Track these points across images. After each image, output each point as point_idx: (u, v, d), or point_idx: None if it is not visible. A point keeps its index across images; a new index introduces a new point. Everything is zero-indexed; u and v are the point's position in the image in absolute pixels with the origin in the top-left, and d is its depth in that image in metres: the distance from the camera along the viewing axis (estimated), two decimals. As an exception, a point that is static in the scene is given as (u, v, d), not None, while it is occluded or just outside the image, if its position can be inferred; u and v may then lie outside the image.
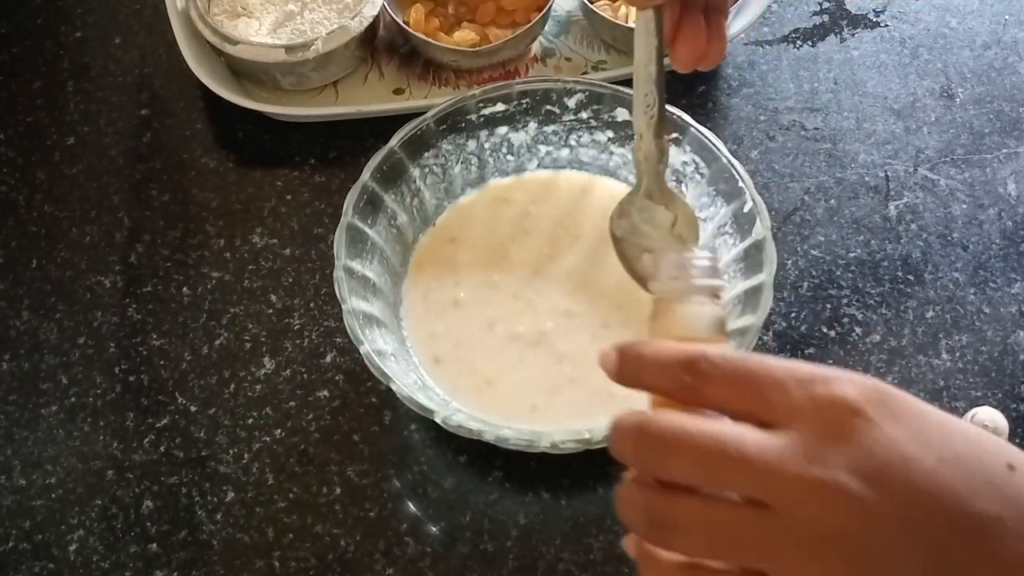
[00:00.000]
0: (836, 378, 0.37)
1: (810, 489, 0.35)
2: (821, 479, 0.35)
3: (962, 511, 0.35)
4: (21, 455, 0.61)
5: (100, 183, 0.71)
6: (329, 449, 0.61)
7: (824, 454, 0.35)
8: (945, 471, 0.36)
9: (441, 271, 0.63)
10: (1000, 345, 0.63)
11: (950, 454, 0.36)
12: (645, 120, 0.51)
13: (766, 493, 0.36)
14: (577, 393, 0.59)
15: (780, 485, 0.35)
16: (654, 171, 0.52)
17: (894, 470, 0.35)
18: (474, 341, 0.61)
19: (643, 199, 0.53)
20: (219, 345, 0.64)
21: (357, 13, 0.71)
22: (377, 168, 0.60)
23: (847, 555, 0.35)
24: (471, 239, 0.64)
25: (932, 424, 0.37)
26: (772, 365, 0.38)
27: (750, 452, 0.36)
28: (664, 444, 0.37)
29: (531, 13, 0.73)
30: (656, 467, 0.38)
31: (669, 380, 0.39)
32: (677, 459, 0.37)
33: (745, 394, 0.37)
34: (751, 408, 0.37)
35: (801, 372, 0.37)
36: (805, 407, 0.36)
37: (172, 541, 0.58)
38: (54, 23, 0.79)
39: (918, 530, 0.35)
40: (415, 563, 0.57)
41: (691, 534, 0.37)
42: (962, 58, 0.76)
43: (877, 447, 0.36)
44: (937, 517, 0.35)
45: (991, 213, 0.69)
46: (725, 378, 0.38)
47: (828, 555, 0.35)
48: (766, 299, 0.55)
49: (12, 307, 0.66)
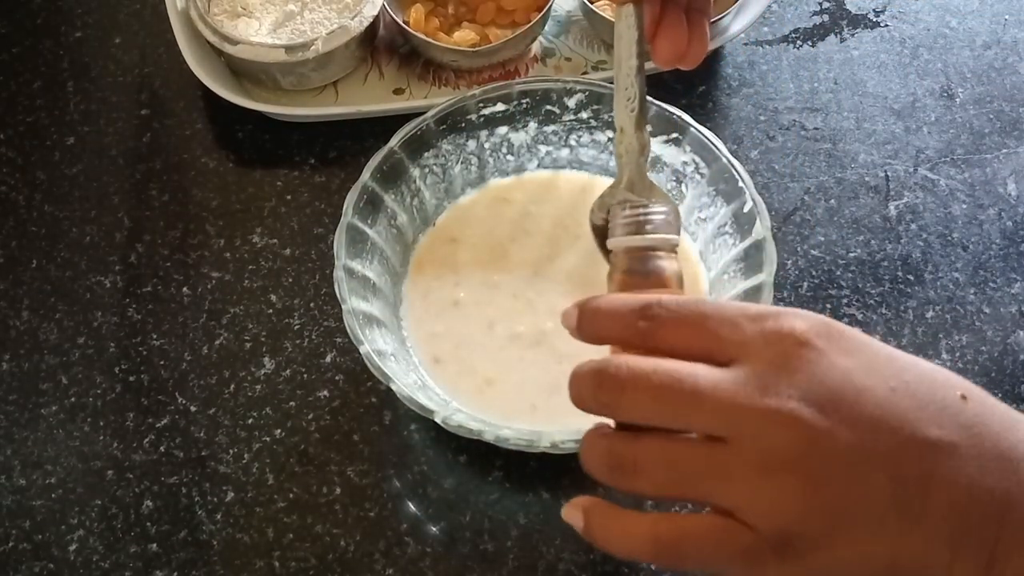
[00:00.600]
0: (786, 313, 0.38)
1: (764, 419, 0.36)
2: (775, 408, 0.36)
3: (916, 436, 0.36)
4: (21, 455, 0.61)
5: (100, 183, 0.71)
6: (329, 449, 0.61)
7: (776, 385, 0.36)
8: (897, 400, 0.36)
9: (441, 271, 0.63)
10: (1000, 345, 0.64)
11: (901, 384, 0.37)
12: (626, 114, 0.51)
13: (721, 426, 0.36)
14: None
15: (734, 417, 0.36)
16: (635, 164, 0.52)
17: (846, 398, 0.36)
18: (474, 341, 0.61)
19: (624, 192, 0.53)
20: (219, 345, 0.64)
21: (357, 13, 0.71)
22: (377, 168, 0.60)
23: (802, 478, 0.36)
24: (471, 239, 0.64)
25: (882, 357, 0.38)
26: (724, 306, 0.39)
27: (703, 386, 0.37)
28: (620, 384, 0.38)
29: (531, 13, 0.73)
30: (614, 407, 0.39)
31: (625, 328, 0.40)
32: (633, 397, 0.38)
33: (699, 334, 0.38)
34: (705, 347, 0.38)
35: (752, 310, 0.38)
36: (756, 341, 0.37)
37: (172, 541, 0.58)
38: (54, 23, 0.79)
39: (871, 454, 0.36)
40: (415, 563, 0.57)
41: (652, 472, 0.38)
42: (962, 58, 0.76)
43: (828, 377, 0.36)
44: (890, 442, 0.36)
45: (991, 213, 0.69)
46: (678, 321, 0.39)
47: (784, 481, 0.36)
48: (766, 299, 0.55)
49: (12, 307, 0.66)
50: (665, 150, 0.62)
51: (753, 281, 0.57)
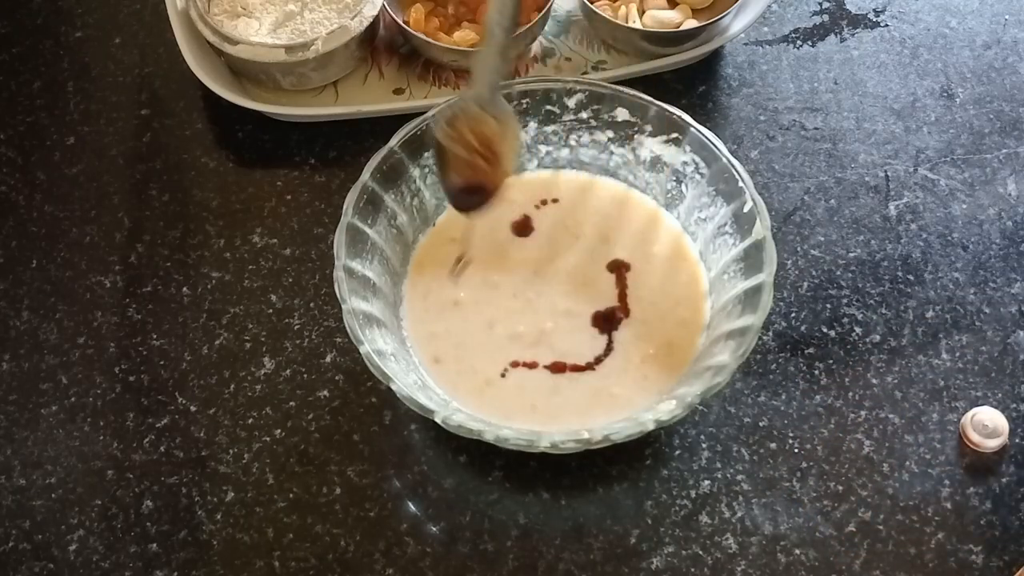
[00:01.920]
0: None
1: None
2: None
3: None
4: (21, 455, 0.61)
5: (100, 183, 0.71)
6: (329, 449, 0.61)
7: None
8: None
9: (441, 271, 0.63)
10: (1000, 345, 0.64)
11: None
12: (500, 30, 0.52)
13: None
14: (577, 393, 0.59)
15: None
16: (490, 80, 0.53)
17: None
18: (474, 341, 0.61)
19: (474, 106, 0.53)
20: (219, 345, 0.64)
21: (357, 13, 0.71)
22: (377, 168, 0.60)
23: None
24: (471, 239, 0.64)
25: None
26: None
27: None
28: None
29: (531, 13, 0.73)
30: None
31: None
32: None
33: None
34: None
35: None
36: None
37: (172, 541, 0.58)
38: (54, 23, 0.79)
39: None
40: (415, 563, 0.57)
41: None
42: (962, 58, 0.76)
43: None
44: None
45: (991, 213, 0.69)
46: None
47: None
48: (766, 299, 0.55)
49: (12, 307, 0.66)
50: (665, 150, 0.63)
51: (753, 281, 0.57)
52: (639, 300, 0.62)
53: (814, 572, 0.56)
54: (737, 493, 0.59)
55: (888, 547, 0.57)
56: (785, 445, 0.60)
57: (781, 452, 0.60)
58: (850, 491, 0.59)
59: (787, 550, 0.57)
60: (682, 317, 0.61)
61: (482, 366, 0.60)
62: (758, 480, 0.59)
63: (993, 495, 0.58)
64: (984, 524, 0.58)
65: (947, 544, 0.57)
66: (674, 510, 0.58)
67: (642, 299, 0.62)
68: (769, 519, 0.58)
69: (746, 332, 0.54)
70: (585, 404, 0.58)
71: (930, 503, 0.58)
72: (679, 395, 0.55)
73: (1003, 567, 0.56)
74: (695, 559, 0.57)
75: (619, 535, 0.58)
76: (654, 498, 0.59)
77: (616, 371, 0.59)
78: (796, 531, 0.57)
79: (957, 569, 0.56)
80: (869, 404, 0.61)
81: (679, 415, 0.53)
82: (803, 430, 0.60)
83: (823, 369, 0.63)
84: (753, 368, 0.62)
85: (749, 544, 0.57)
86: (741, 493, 0.59)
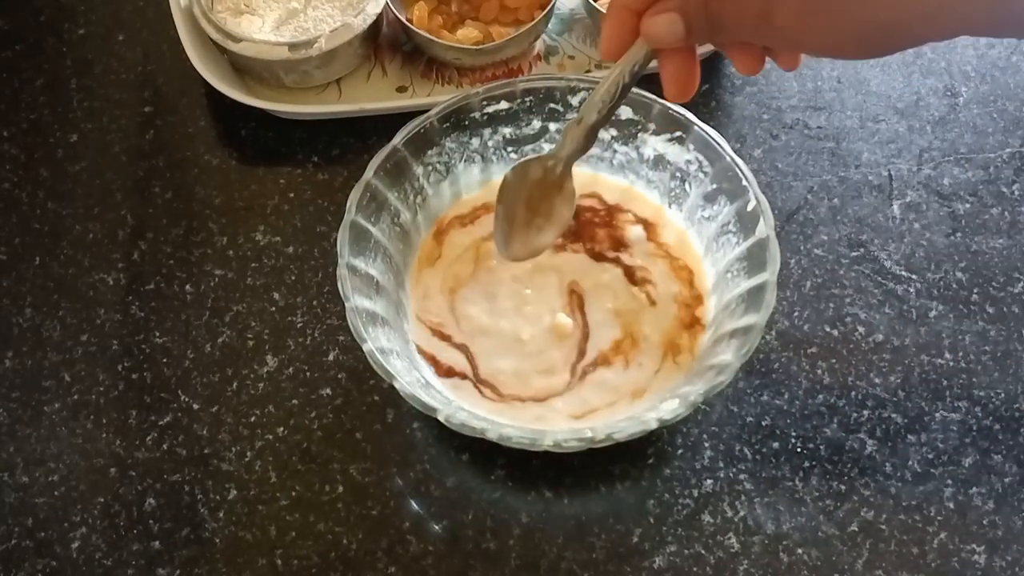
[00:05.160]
0: None
1: None
2: None
3: None
4: (24, 452, 0.61)
5: (103, 180, 0.71)
6: (332, 447, 0.61)
7: None
8: None
9: (442, 270, 0.63)
10: (1003, 345, 0.63)
11: None
12: (595, 115, 0.53)
13: None
14: (578, 392, 0.59)
15: None
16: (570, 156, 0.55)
17: None
18: (476, 340, 0.61)
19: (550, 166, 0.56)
20: (222, 343, 0.64)
21: (360, 11, 0.71)
22: (380, 166, 0.60)
23: None
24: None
25: None
26: None
27: None
28: None
29: (534, 11, 0.73)
30: None
31: None
32: None
33: None
34: None
35: None
36: None
37: (175, 539, 0.58)
38: (57, 20, 0.79)
39: None
40: (417, 561, 0.57)
41: None
42: (966, 57, 0.76)
43: None
44: None
45: (994, 212, 0.69)
46: None
47: None
48: (769, 298, 0.55)
49: (15, 304, 0.66)
50: (668, 148, 0.62)
51: (756, 280, 0.57)
52: (639, 299, 0.62)
53: (816, 572, 0.56)
54: (739, 492, 0.59)
55: (891, 547, 0.57)
56: (788, 444, 0.60)
57: (784, 451, 0.60)
58: (852, 491, 0.59)
59: (789, 549, 0.57)
60: (685, 316, 0.61)
61: (484, 365, 0.60)
62: (760, 479, 0.59)
63: (996, 495, 0.58)
64: (987, 524, 0.58)
65: (949, 544, 0.57)
66: (676, 509, 0.58)
67: (644, 298, 0.62)
68: (771, 518, 0.58)
69: (749, 331, 0.54)
70: (586, 403, 0.58)
71: (933, 503, 0.58)
72: (682, 394, 0.55)
73: (1006, 567, 0.56)
74: (697, 558, 0.57)
75: (621, 534, 0.58)
76: (656, 497, 0.59)
77: (617, 370, 0.59)
78: (798, 530, 0.57)
79: (960, 569, 0.56)
80: (872, 404, 0.61)
81: (682, 414, 0.53)
82: (806, 429, 0.60)
83: (826, 368, 0.63)
84: (756, 367, 0.62)
85: (751, 543, 0.57)
86: (744, 492, 0.59)
